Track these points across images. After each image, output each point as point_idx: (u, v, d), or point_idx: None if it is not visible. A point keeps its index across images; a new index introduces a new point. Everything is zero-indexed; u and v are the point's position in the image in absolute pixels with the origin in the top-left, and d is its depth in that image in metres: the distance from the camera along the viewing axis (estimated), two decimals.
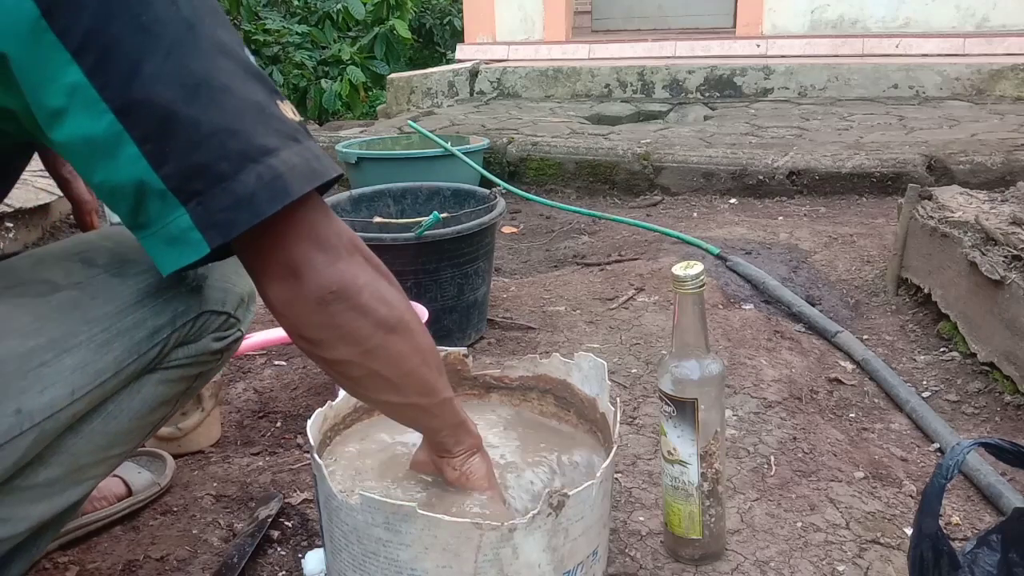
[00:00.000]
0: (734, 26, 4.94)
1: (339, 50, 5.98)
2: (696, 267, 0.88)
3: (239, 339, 0.87)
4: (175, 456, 1.20)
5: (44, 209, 2.25)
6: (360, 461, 0.93)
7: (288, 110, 0.66)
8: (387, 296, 0.71)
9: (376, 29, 6.19)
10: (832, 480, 1.14)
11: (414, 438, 0.92)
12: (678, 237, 2.23)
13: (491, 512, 0.81)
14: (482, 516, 0.78)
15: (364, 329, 0.70)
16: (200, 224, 0.61)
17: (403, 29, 6.10)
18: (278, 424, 1.36)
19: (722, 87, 4.31)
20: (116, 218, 0.86)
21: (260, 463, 1.22)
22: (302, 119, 0.68)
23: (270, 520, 1.06)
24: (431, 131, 2.89)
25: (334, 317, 0.68)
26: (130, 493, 1.09)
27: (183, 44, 0.60)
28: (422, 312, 1.34)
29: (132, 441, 0.80)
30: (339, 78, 5.70)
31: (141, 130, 0.60)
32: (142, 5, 0.60)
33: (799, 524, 1.04)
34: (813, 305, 1.79)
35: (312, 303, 0.67)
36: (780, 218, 2.56)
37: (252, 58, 0.66)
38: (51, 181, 1.45)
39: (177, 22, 0.60)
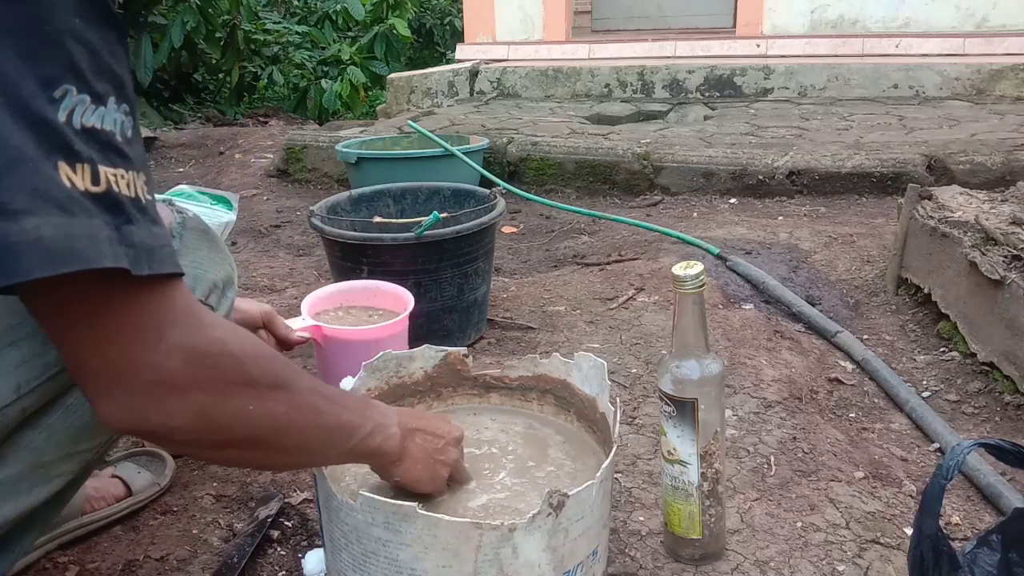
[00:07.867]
0: (734, 26, 4.93)
1: (339, 50, 5.99)
2: (696, 267, 0.88)
3: None
4: (175, 456, 1.20)
5: None
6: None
7: (82, 180, 0.51)
8: (219, 421, 0.60)
9: (376, 28, 6.20)
10: (832, 480, 1.14)
11: None
12: (678, 237, 2.23)
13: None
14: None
15: (187, 448, 0.62)
16: None
17: (403, 28, 6.11)
18: None
19: (722, 87, 4.31)
20: (190, 210, 0.83)
21: None
22: (134, 197, 0.54)
23: (270, 520, 1.06)
24: (431, 131, 2.88)
25: (142, 435, 0.61)
26: (130, 493, 1.09)
27: None
28: (407, 300, 1.34)
29: (99, 436, 0.76)
30: (339, 78, 5.71)
31: None
32: None
33: (799, 524, 1.04)
34: (813, 305, 1.79)
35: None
36: (780, 218, 2.56)
37: (68, 101, 0.51)
38: None
39: None
